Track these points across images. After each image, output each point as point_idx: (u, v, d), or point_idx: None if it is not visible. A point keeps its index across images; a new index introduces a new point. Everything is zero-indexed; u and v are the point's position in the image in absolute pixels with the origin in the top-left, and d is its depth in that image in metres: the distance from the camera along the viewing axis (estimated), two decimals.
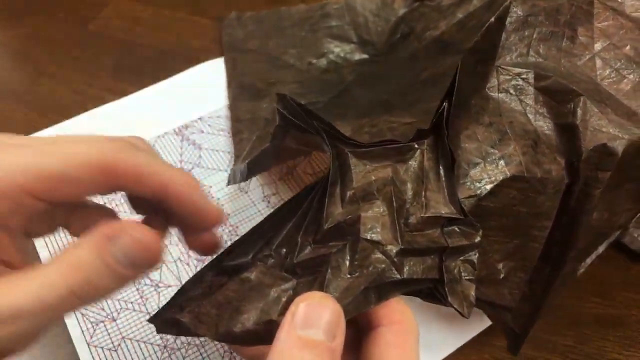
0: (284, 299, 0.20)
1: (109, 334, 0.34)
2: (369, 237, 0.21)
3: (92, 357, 0.33)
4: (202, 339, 0.33)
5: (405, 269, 0.21)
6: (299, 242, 0.21)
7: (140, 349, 0.33)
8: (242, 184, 0.41)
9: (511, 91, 0.26)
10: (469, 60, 0.23)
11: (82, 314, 0.34)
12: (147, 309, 0.35)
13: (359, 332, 0.21)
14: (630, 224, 0.34)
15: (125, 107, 0.47)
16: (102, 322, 0.34)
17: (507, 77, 0.27)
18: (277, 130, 0.25)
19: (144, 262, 0.18)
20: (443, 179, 0.22)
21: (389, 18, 0.49)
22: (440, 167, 0.22)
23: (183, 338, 0.33)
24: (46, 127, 0.45)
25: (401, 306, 0.21)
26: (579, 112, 0.25)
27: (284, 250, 0.21)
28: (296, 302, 0.18)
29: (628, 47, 0.29)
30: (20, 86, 0.49)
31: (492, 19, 0.26)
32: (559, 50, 0.28)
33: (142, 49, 0.52)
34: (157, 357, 0.33)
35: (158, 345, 0.33)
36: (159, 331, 0.21)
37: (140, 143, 0.21)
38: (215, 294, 0.21)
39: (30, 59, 0.51)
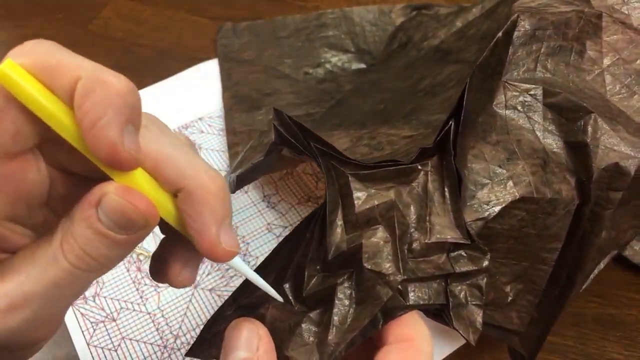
0: (297, 333, 0.20)
1: (108, 334, 0.34)
2: (370, 268, 0.20)
3: (92, 357, 0.33)
4: None
5: (411, 295, 0.20)
6: (306, 274, 0.21)
7: (140, 349, 0.33)
8: None
9: (519, 108, 0.26)
10: (477, 77, 0.23)
11: (82, 314, 0.34)
12: (146, 309, 0.35)
13: (368, 349, 0.21)
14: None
15: None
16: (102, 322, 0.34)
17: (515, 93, 0.26)
18: (272, 147, 0.24)
19: (136, 223, 0.16)
20: (448, 201, 0.21)
21: (386, 27, 0.48)
22: (446, 189, 0.21)
23: (183, 338, 0.33)
24: None
25: (414, 322, 0.20)
26: (590, 129, 0.24)
27: (294, 282, 0.21)
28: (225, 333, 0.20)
29: (638, 62, 0.28)
30: None
31: (500, 34, 0.25)
32: (568, 65, 0.27)
33: (142, 49, 0.52)
34: (157, 357, 0.33)
35: (158, 345, 0.33)
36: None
37: (154, 120, 0.18)
38: None
39: None
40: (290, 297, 0.21)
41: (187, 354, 0.22)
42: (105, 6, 0.56)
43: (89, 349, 0.33)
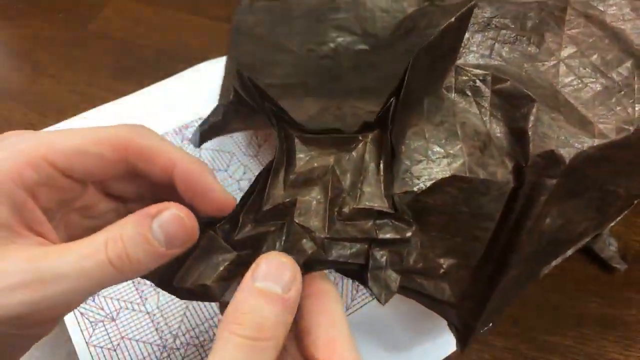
0: (221, 268, 0.22)
1: (108, 334, 0.34)
2: (299, 222, 0.22)
3: (92, 356, 0.33)
4: (201, 338, 0.34)
5: (333, 252, 0.22)
6: (240, 220, 0.22)
7: (139, 348, 0.33)
8: (241, 181, 0.41)
9: (467, 92, 0.26)
10: (420, 58, 0.24)
11: (82, 314, 0.35)
12: (146, 309, 0.35)
13: None
14: (605, 232, 0.34)
15: (125, 107, 0.47)
16: (102, 321, 0.34)
17: (465, 77, 0.27)
18: (229, 107, 0.26)
19: (179, 240, 0.20)
20: (382, 172, 0.23)
21: (397, 15, 0.49)
22: (381, 161, 0.23)
23: (182, 338, 0.34)
24: (46, 127, 0.45)
25: (322, 277, 0.23)
26: (531, 117, 0.25)
27: (228, 226, 0.22)
28: (259, 259, 0.21)
29: (595, 56, 0.29)
30: (20, 86, 0.49)
31: (452, 19, 0.25)
32: (523, 55, 0.28)
33: (142, 49, 0.53)
34: (156, 356, 0.33)
35: (157, 345, 0.33)
36: None
37: (149, 129, 0.22)
38: None
39: (30, 59, 0.52)
40: (221, 240, 0.22)
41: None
42: (105, 6, 0.57)
43: (89, 348, 0.33)
